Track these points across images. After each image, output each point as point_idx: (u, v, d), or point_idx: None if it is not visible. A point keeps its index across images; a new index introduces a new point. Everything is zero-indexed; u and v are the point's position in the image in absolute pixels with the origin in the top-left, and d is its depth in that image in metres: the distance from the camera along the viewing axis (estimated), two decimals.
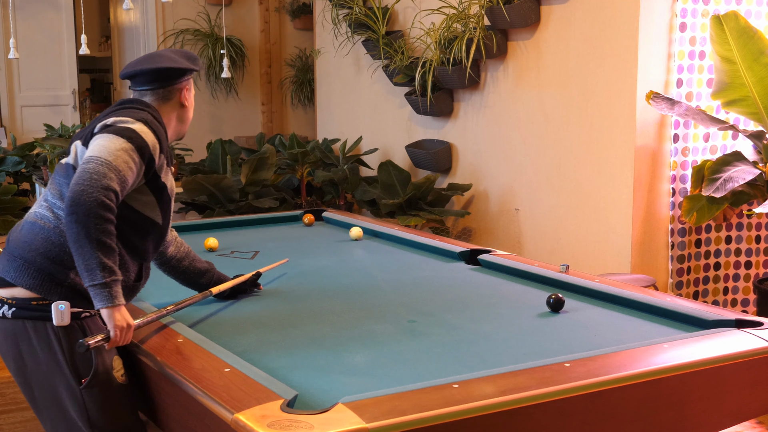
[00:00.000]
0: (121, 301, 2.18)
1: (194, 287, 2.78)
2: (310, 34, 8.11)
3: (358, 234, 3.74)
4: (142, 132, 2.32)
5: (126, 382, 2.32)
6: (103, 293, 2.15)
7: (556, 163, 4.92)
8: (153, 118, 2.40)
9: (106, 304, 2.16)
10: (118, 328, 2.16)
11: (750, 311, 4.62)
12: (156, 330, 2.37)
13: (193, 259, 2.78)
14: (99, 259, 2.14)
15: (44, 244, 2.29)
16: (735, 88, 4.29)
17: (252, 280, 2.91)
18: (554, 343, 2.34)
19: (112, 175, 2.21)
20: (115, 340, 2.17)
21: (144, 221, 2.40)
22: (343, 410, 1.76)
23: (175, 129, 2.53)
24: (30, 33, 8.36)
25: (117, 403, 2.30)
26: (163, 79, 2.45)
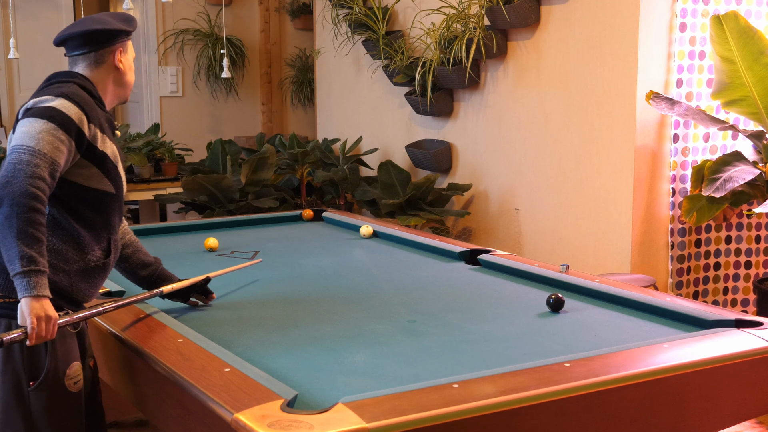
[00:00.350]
0: (43, 292, 2.08)
1: (135, 279, 2.69)
2: (310, 34, 8.11)
3: (368, 232, 3.75)
4: (63, 107, 2.26)
5: (79, 391, 2.27)
6: (22, 283, 2.07)
7: (556, 163, 4.92)
8: (77, 88, 2.36)
9: (25, 294, 2.07)
10: (36, 318, 2.05)
11: (750, 311, 4.62)
12: (156, 330, 2.37)
13: (138, 249, 2.69)
14: (19, 249, 2.08)
15: None
16: (735, 88, 4.29)
17: (201, 284, 2.76)
18: (554, 343, 2.34)
19: (38, 161, 2.17)
20: (32, 334, 2.06)
21: (95, 194, 2.35)
22: (343, 410, 1.76)
23: (114, 93, 2.47)
24: (30, 33, 8.36)
25: (63, 410, 2.25)
26: (94, 43, 2.40)
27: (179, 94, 8.14)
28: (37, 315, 2.07)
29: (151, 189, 6.02)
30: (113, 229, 2.43)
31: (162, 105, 8.10)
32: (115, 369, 2.47)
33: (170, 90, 8.10)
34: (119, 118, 9.38)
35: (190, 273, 3.15)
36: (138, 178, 6.15)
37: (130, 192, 6.20)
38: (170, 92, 8.10)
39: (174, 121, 7.75)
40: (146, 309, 2.55)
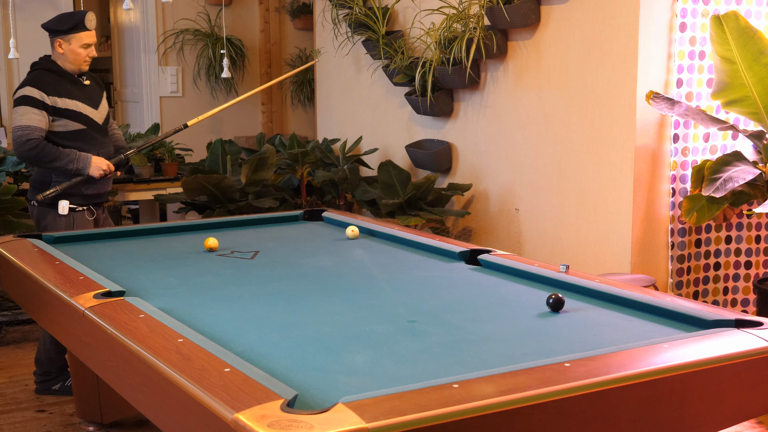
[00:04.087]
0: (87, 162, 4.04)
1: None
2: (310, 34, 8.11)
3: (353, 233, 3.74)
4: (29, 92, 3.97)
5: None
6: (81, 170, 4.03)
7: (556, 163, 4.92)
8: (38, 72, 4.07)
9: (85, 170, 4.05)
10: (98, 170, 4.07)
11: (750, 311, 4.62)
12: (156, 330, 2.37)
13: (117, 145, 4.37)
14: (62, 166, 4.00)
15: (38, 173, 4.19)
16: (735, 88, 4.29)
17: None
18: (554, 343, 2.34)
19: (27, 132, 3.94)
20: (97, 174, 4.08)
21: (73, 134, 4.06)
22: (343, 410, 1.76)
23: (66, 66, 4.09)
24: (30, 33, 8.34)
25: None
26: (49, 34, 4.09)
27: (179, 94, 8.14)
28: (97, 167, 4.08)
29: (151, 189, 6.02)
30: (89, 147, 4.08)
31: (162, 105, 8.10)
32: (115, 369, 2.47)
33: (170, 90, 8.11)
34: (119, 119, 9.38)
35: (190, 273, 3.16)
36: (138, 178, 6.15)
37: (130, 192, 6.19)
38: (170, 92, 8.11)
39: (174, 121, 7.75)
40: (146, 309, 2.55)
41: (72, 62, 4.07)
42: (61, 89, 4.05)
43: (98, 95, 4.24)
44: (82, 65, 4.10)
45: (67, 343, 2.99)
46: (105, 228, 4.03)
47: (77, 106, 4.07)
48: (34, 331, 5.06)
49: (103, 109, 4.25)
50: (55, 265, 3.13)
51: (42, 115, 3.97)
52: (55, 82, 4.05)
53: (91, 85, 4.23)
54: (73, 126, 4.06)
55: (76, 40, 4.03)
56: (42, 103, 3.97)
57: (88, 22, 4.05)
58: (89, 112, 4.12)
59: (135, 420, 3.68)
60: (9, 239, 3.62)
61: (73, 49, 4.03)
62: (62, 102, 4.02)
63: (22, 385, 4.22)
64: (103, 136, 4.22)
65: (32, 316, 3.35)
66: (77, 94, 4.10)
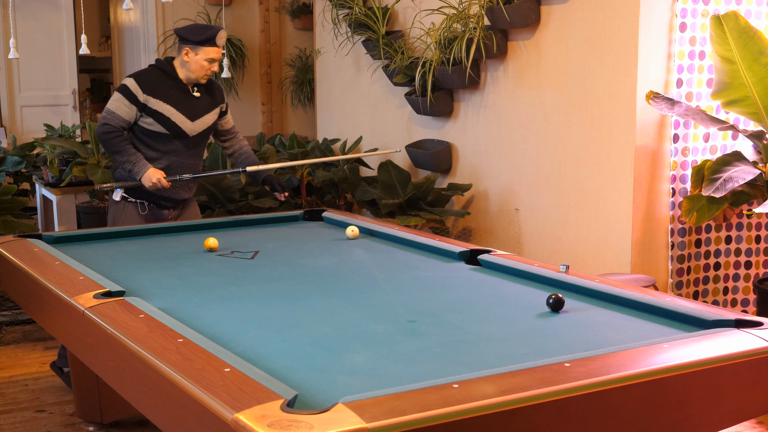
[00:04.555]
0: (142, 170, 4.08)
1: None
2: (310, 34, 8.11)
3: (353, 233, 3.74)
4: (129, 84, 4.11)
5: None
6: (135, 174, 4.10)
7: (556, 163, 4.92)
8: (150, 68, 4.23)
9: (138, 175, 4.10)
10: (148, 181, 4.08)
11: (750, 311, 4.62)
12: (156, 330, 2.37)
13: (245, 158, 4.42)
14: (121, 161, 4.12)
15: None
16: (735, 88, 4.29)
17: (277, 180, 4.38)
18: (554, 343, 2.34)
19: (108, 117, 4.09)
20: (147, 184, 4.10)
21: (157, 136, 4.14)
22: (343, 410, 1.76)
23: (181, 73, 4.16)
24: (30, 33, 8.36)
25: None
26: (179, 41, 4.18)
27: None
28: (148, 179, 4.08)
29: None
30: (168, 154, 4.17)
31: None
32: (115, 369, 2.47)
33: None
34: None
35: (190, 273, 3.16)
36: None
37: None
38: None
39: None
40: (146, 309, 2.55)
41: (193, 72, 4.11)
42: (159, 90, 4.10)
43: (203, 109, 4.22)
44: (201, 78, 4.14)
45: (67, 343, 2.99)
46: (105, 228, 4.03)
47: (169, 111, 4.10)
48: (34, 331, 5.06)
49: (203, 123, 4.22)
50: (55, 265, 3.13)
51: (130, 108, 4.07)
52: (158, 82, 4.12)
53: (201, 98, 4.23)
54: (158, 128, 4.11)
55: (204, 53, 4.07)
56: (135, 97, 4.06)
57: (219, 40, 4.08)
58: (180, 121, 4.12)
59: (135, 420, 3.67)
60: (9, 239, 3.62)
61: (198, 60, 4.08)
62: (155, 103, 4.08)
63: (22, 385, 4.22)
64: (190, 148, 4.22)
65: (32, 316, 3.35)
66: (177, 100, 4.13)
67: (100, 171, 5.68)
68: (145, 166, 4.09)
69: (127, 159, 4.09)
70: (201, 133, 4.26)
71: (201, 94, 4.24)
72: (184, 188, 4.28)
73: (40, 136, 7.50)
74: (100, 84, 11.59)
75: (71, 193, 6.06)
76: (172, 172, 4.18)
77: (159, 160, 4.16)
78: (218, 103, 4.32)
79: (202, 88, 4.25)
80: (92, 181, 5.79)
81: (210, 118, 4.27)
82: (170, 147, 4.16)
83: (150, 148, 4.15)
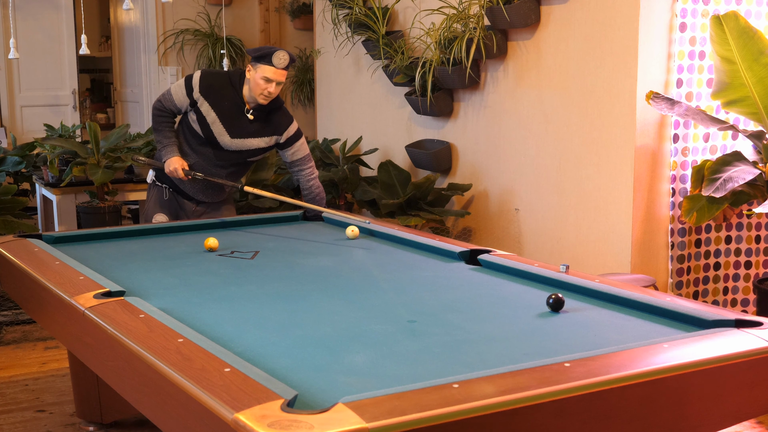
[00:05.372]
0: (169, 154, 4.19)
1: None
2: (310, 34, 8.11)
3: (353, 233, 3.74)
4: (195, 77, 4.19)
5: None
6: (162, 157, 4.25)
7: (556, 163, 4.92)
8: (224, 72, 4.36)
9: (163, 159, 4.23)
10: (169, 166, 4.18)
11: (750, 311, 4.62)
12: (156, 330, 2.37)
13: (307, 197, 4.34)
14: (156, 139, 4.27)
15: None
16: (735, 88, 4.29)
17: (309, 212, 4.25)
18: (554, 343, 2.34)
19: (164, 97, 4.25)
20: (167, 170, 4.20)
21: (194, 134, 4.23)
22: (343, 410, 1.76)
23: (246, 90, 4.15)
24: (30, 33, 8.36)
25: None
26: None
27: None
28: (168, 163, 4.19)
29: None
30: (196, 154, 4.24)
31: None
32: (115, 369, 2.47)
33: None
34: (119, 119, 9.37)
35: (190, 273, 3.16)
36: (138, 178, 6.15)
37: (129, 192, 6.19)
38: None
39: None
40: (146, 309, 2.55)
41: (252, 89, 4.09)
42: (214, 96, 4.15)
43: (250, 133, 4.20)
44: (258, 97, 4.08)
45: (67, 343, 2.99)
46: (105, 228, 4.03)
47: (213, 120, 4.15)
48: (34, 331, 5.06)
49: (244, 144, 4.20)
50: (55, 265, 3.13)
51: (184, 97, 4.17)
52: (219, 87, 4.16)
53: (253, 123, 4.20)
54: (195, 126, 4.18)
55: (261, 71, 4.03)
56: (191, 90, 4.15)
57: (275, 58, 4.02)
58: (218, 132, 4.16)
59: (135, 420, 3.67)
60: (9, 239, 3.62)
61: (254, 77, 4.05)
62: (203, 105, 4.14)
63: (22, 385, 4.22)
64: (220, 159, 4.23)
65: (32, 316, 3.35)
66: (225, 113, 4.15)
67: (100, 171, 5.68)
68: (173, 152, 4.19)
69: (161, 140, 4.22)
70: (238, 153, 4.24)
71: (256, 118, 4.20)
72: (204, 192, 4.31)
73: (40, 136, 7.50)
74: (100, 84, 11.59)
75: (71, 193, 6.06)
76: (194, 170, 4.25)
77: (188, 155, 4.25)
78: (274, 133, 4.25)
79: (262, 115, 4.20)
80: (92, 181, 5.79)
81: (255, 143, 4.23)
82: (201, 150, 4.23)
83: (186, 141, 4.26)
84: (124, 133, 6.06)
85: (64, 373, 4.30)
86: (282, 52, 4.07)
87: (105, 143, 5.95)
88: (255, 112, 4.18)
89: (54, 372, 4.35)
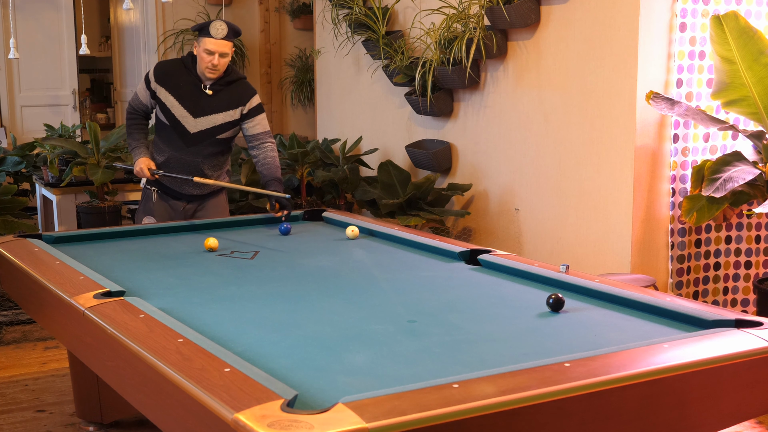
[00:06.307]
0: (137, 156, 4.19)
1: None
2: (310, 34, 8.11)
3: (353, 233, 3.74)
4: (150, 70, 4.24)
5: None
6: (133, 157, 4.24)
7: (556, 163, 4.92)
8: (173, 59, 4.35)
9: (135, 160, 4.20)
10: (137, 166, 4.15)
11: (750, 311, 4.62)
12: (156, 330, 2.37)
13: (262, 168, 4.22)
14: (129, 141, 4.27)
15: None
16: (735, 88, 4.29)
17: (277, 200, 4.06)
18: (554, 343, 2.34)
19: (132, 97, 4.28)
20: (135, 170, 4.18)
21: (162, 125, 4.21)
22: (343, 410, 1.76)
23: (199, 69, 4.12)
24: (30, 33, 8.36)
25: None
26: None
27: None
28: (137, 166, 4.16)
29: None
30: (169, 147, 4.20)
31: None
32: (115, 369, 2.47)
33: None
34: (119, 119, 9.37)
35: (190, 273, 3.16)
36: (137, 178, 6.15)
37: (129, 192, 6.19)
38: None
39: None
40: (146, 309, 2.55)
41: (198, 65, 4.10)
42: (170, 81, 4.15)
43: (213, 108, 4.15)
44: (205, 71, 4.07)
45: (67, 343, 2.99)
46: (105, 228, 4.03)
47: (172, 104, 4.12)
48: (34, 331, 5.06)
49: (208, 122, 4.14)
50: (55, 265, 3.13)
51: (145, 91, 4.19)
52: (173, 73, 4.16)
53: (215, 97, 4.15)
54: (162, 117, 4.18)
55: (202, 44, 4.04)
56: (149, 82, 4.17)
57: (212, 29, 4.01)
58: (181, 116, 4.12)
59: (135, 420, 3.67)
60: (9, 239, 3.62)
61: (199, 52, 4.07)
62: (161, 92, 4.14)
63: (22, 385, 4.22)
64: (189, 145, 4.16)
65: (32, 316, 3.35)
66: (183, 94, 4.13)
67: (100, 171, 5.69)
68: (141, 153, 4.18)
69: (131, 142, 4.24)
70: (205, 132, 4.17)
71: (216, 92, 4.15)
72: (188, 184, 4.22)
73: (40, 136, 7.50)
74: (100, 84, 11.59)
75: (71, 193, 6.06)
76: (170, 167, 4.19)
77: (162, 152, 4.21)
78: (237, 104, 4.19)
79: (222, 88, 4.16)
80: (92, 181, 5.79)
81: (220, 118, 4.16)
82: (171, 140, 4.18)
83: (159, 138, 4.24)
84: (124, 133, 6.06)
85: (64, 373, 4.30)
86: (219, 22, 4.05)
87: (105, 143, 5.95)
88: (212, 87, 4.14)
89: (54, 372, 4.35)
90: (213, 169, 4.27)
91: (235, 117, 4.19)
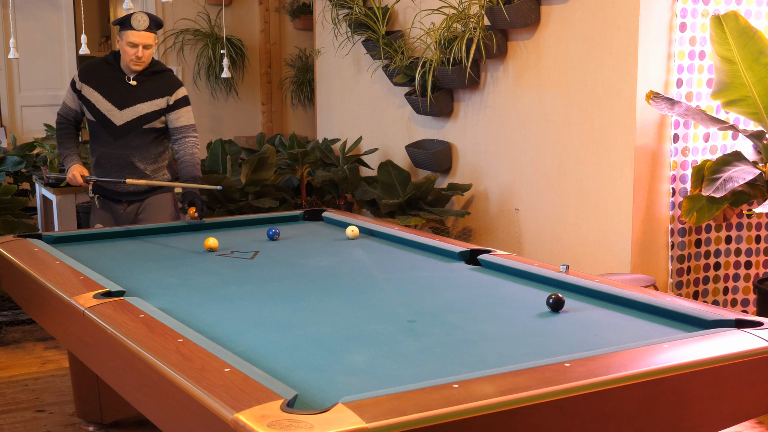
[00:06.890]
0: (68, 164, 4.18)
1: None
2: (310, 34, 8.11)
3: (353, 233, 3.74)
4: (76, 73, 4.23)
5: None
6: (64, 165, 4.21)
7: (556, 163, 4.92)
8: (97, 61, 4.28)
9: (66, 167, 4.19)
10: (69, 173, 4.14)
11: (750, 311, 4.62)
12: (156, 330, 2.37)
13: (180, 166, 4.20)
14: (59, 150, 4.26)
15: None
16: (735, 88, 4.29)
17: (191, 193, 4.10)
18: (554, 343, 2.34)
19: (61, 105, 4.29)
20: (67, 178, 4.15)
21: (90, 124, 4.22)
22: (343, 410, 1.76)
23: (123, 63, 4.15)
24: (30, 33, 8.36)
25: None
26: None
27: None
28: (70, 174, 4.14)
29: None
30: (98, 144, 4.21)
31: None
32: (115, 369, 2.47)
33: None
34: None
35: (190, 273, 3.16)
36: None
37: None
38: None
39: None
40: (146, 309, 2.55)
41: (123, 58, 4.12)
42: (94, 79, 4.17)
43: (137, 98, 4.15)
44: (129, 64, 4.10)
45: (67, 343, 2.99)
46: (105, 228, 4.02)
47: (97, 99, 4.14)
48: (34, 331, 5.06)
49: (134, 112, 4.15)
50: (55, 265, 3.13)
51: (71, 94, 4.21)
52: (97, 71, 4.19)
53: (139, 87, 4.16)
54: (90, 116, 4.18)
55: (125, 37, 4.05)
56: (74, 83, 4.19)
57: (134, 21, 4.03)
58: (106, 110, 4.14)
59: (135, 420, 3.67)
60: (9, 239, 3.62)
61: (122, 46, 4.08)
62: (87, 90, 4.15)
63: (22, 385, 4.22)
64: (117, 139, 4.16)
65: (32, 316, 3.35)
66: (107, 88, 4.15)
67: None
68: (73, 160, 4.19)
69: (62, 151, 4.24)
70: (132, 123, 4.16)
71: (140, 83, 4.16)
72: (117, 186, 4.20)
73: (40, 136, 7.50)
74: None
75: (71, 193, 6.06)
76: (102, 164, 4.21)
77: (94, 151, 4.25)
78: (163, 94, 4.19)
79: (145, 78, 4.17)
80: None
81: (144, 107, 4.16)
82: (100, 137, 4.19)
83: (90, 139, 4.27)
84: None
85: (64, 373, 4.30)
86: (141, 14, 4.06)
87: None
88: (137, 78, 4.16)
89: (54, 372, 4.35)
90: (145, 162, 4.23)
91: (161, 106, 4.20)
